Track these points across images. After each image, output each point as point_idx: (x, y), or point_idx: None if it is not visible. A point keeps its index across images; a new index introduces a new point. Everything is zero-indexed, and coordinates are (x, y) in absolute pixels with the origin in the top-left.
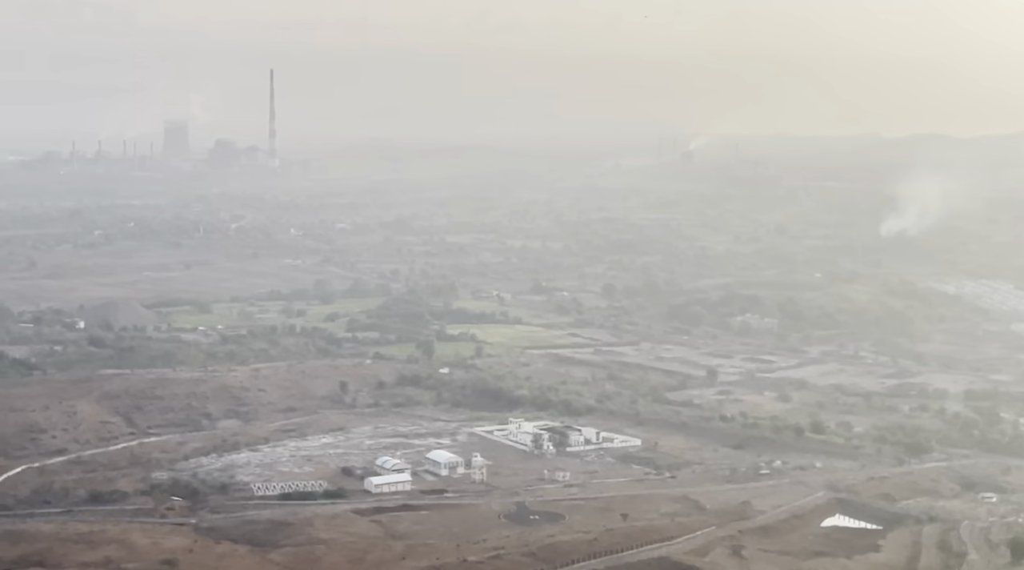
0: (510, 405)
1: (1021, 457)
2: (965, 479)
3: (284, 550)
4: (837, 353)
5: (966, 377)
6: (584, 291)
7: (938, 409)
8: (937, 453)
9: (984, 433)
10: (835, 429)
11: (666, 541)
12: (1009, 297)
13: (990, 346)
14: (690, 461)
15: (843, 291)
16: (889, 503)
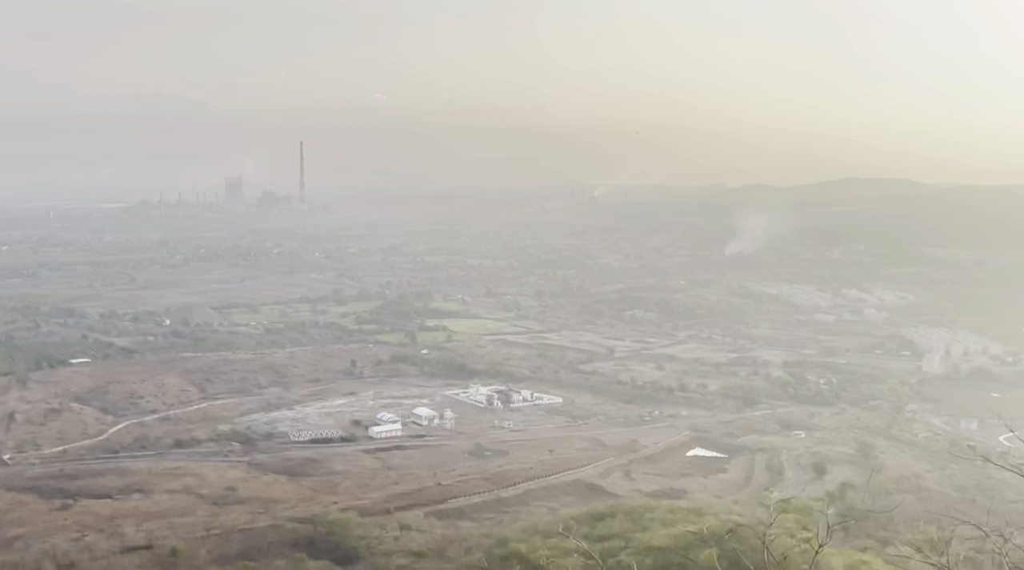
0: (471, 375)
1: (821, 405)
2: (783, 421)
3: (312, 478)
4: (696, 336)
5: (784, 352)
6: (522, 294)
7: (765, 374)
8: (764, 404)
9: (796, 390)
10: (695, 388)
11: (580, 468)
12: (812, 296)
13: (800, 330)
14: (596, 412)
15: (700, 293)
16: (732, 439)
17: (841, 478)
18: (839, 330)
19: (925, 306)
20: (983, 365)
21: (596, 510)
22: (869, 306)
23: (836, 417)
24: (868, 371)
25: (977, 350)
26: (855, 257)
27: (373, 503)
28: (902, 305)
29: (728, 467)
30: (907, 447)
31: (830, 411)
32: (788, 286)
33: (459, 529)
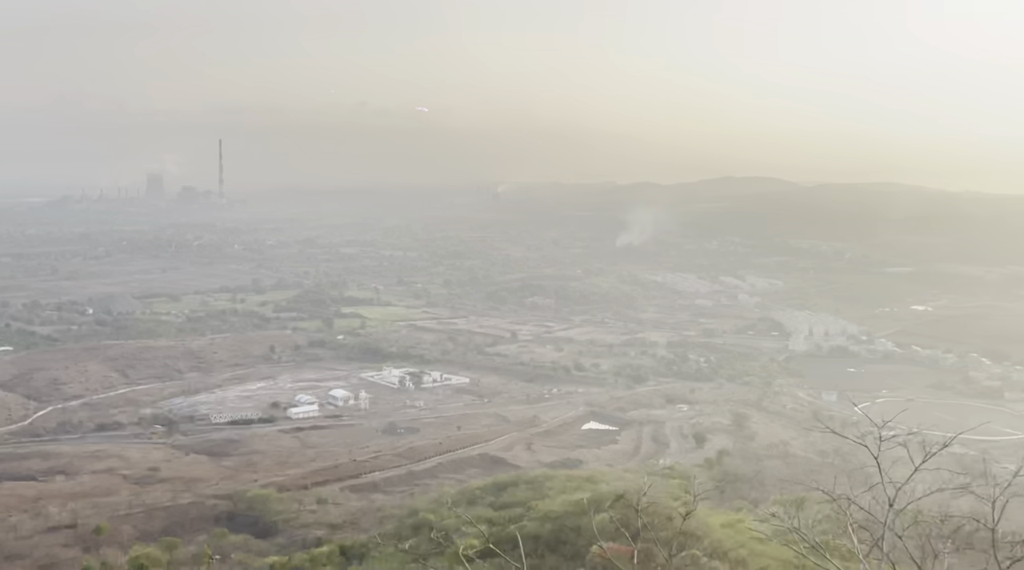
0: (384, 358)
1: (701, 381)
2: (668, 396)
3: (233, 458)
4: (591, 320)
5: (668, 333)
6: (431, 283)
7: (651, 354)
8: (651, 381)
9: (679, 367)
10: (590, 368)
11: (485, 442)
12: (693, 283)
13: (682, 314)
14: (500, 391)
15: (594, 281)
16: (623, 413)
17: (719, 446)
18: (717, 313)
19: (791, 291)
20: (841, 344)
21: (500, 480)
22: (743, 292)
23: (714, 391)
24: (742, 350)
25: (836, 330)
26: (731, 248)
27: (291, 479)
28: (771, 290)
29: (619, 439)
30: (776, 417)
31: (709, 386)
32: (672, 274)
33: (373, 501)
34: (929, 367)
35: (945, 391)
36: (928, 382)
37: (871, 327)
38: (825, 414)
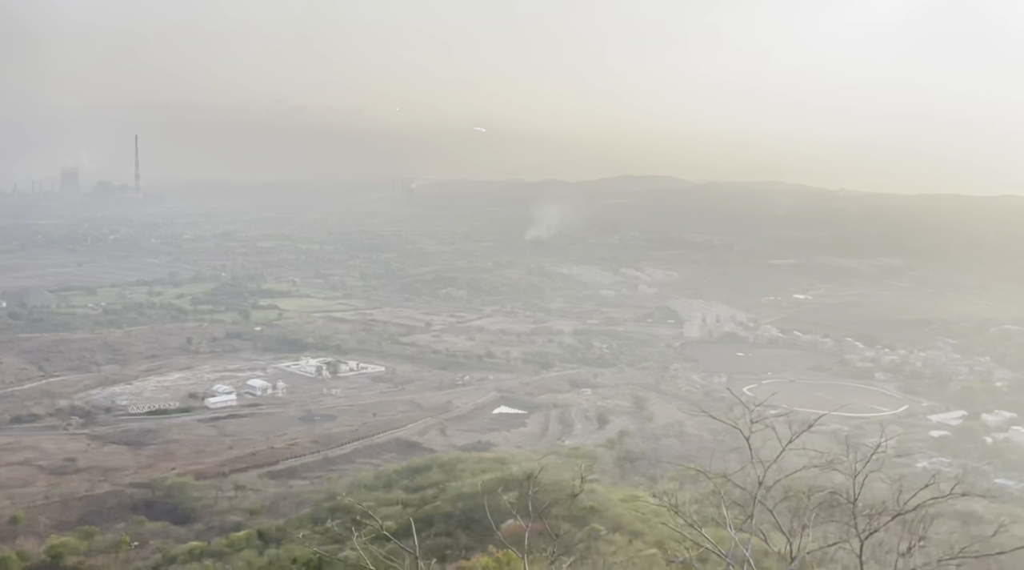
0: (302, 348)
1: (603, 367)
2: (573, 381)
3: (150, 447)
4: (501, 310)
5: (574, 322)
6: (348, 276)
7: (558, 341)
8: (558, 367)
9: (584, 354)
10: (500, 355)
11: (400, 428)
12: (597, 275)
13: (586, 304)
14: (415, 379)
15: (504, 273)
16: (531, 398)
17: (620, 427)
18: (618, 303)
19: (686, 282)
20: (731, 330)
21: (414, 464)
22: (642, 283)
23: (616, 376)
24: (641, 337)
25: (726, 318)
26: (631, 242)
27: (209, 467)
28: (668, 281)
29: (528, 422)
30: (672, 399)
31: (611, 371)
32: (577, 266)
33: (291, 487)
34: (809, 351)
35: (823, 372)
36: (808, 364)
37: (757, 315)
38: (716, 395)
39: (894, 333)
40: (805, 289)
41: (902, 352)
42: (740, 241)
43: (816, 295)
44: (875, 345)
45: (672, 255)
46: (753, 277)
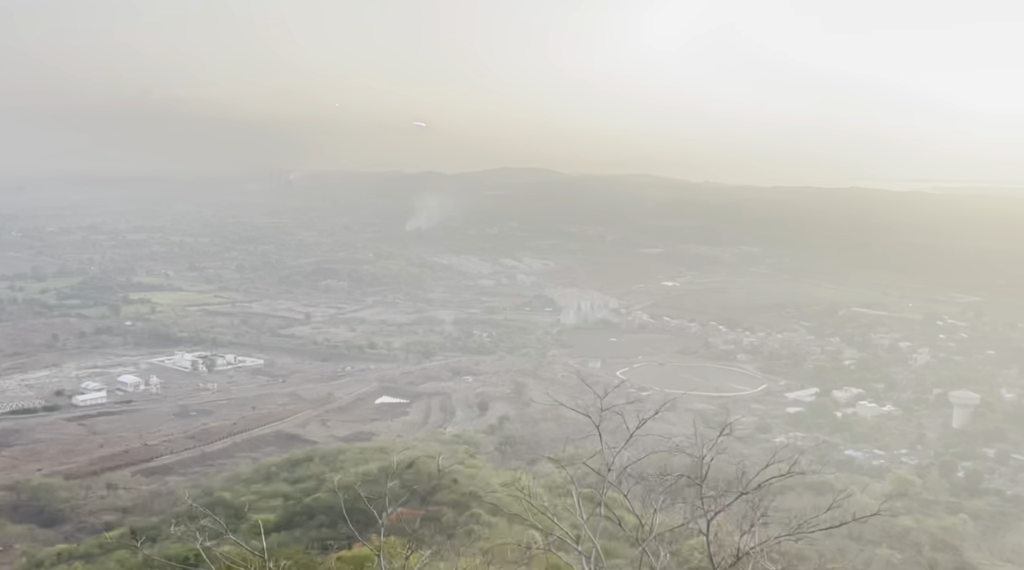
0: (176, 343)
1: (484, 354)
2: (455, 369)
3: (14, 448)
4: (383, 301)
5: (455, 311)
6: (224, 268)
7: (439, 331)
8: (439, 356)
9: (465, 342)
10: (382, 346)
11: (280, 420)
12: (476, 265)
13: (466, 293)
14: (295, 371)
15: (385, 264)
16: (413, 387)
17: (500, 413)
18: (497, 292)
19: (562, 271)
20: (605, 317)
21: (295, 456)
22: (520, 272)
23: (496, 363)
24: (520, 325)
25: (600, 305)
26: (509, 232)
27: (79, 467)
28: (545, 270)
29: (410, 410)
30: (550, 384)
31: (491, 358)
32: (457, 257)
33: (166, 483)
34: (677, 335)
35: (690, 355)
36: (676, 348)
37: (629, 301)
38: (592, 379)
39: (754, 317)
40: (673, 277)
41: (761, 334)
42: (613, 231)
43: (683, 282)
44: (737, 328)
45: (549, 245)
46: (625, 265)
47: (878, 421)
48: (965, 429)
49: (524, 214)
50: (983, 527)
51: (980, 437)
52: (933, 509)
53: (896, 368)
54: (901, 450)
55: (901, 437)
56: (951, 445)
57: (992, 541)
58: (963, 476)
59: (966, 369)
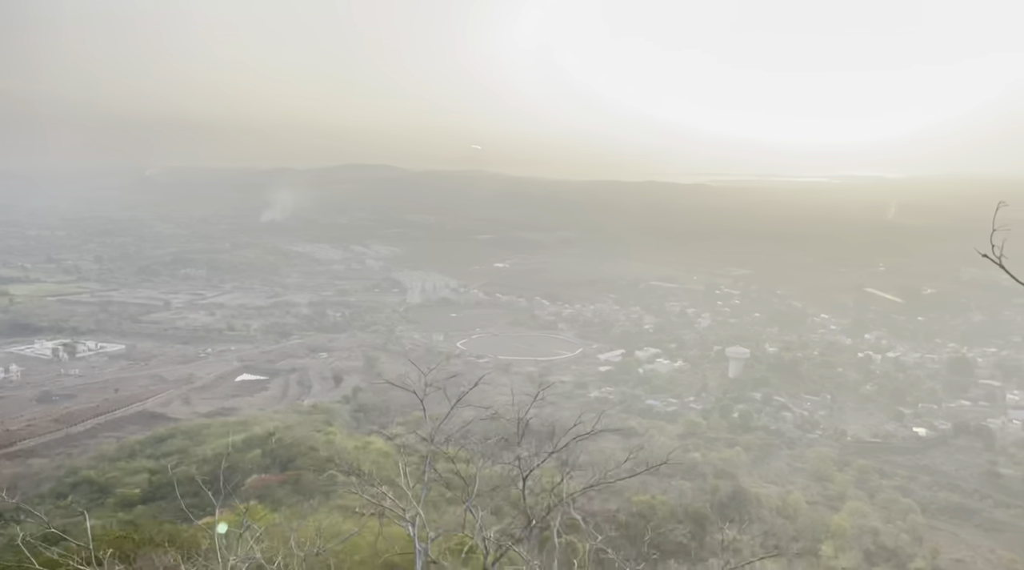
0: (35, 332)
1: (337, 332)
2: (311, 347)
3: None
4: (241, 287)
5: (309, 295)
6: (82, 260)
7: (295, 313)
8: (296, 335)
9: (319, 322)
10: (241, 328)
11: (143, 401)
12: (328, 252)
13: (320, 278)
14: (157, 355)
15: (242, 253)
16: (272, 364)
17: (353, 384)
18: (349, 276)
19: (407, 256)
20: (446, 295)
21: (158, 433)
22: (369, 257)
23: (349, 340)
24: (370, 305)
25: (441, 285)
26: (358, 222)
27: None
28: (392, 255)
29: (269, 386)
30: (398, 356)
31: (345, 336)
32: (310, 245)
33: (30, 466)
34: (507, 309)
35: (519, 326)
36: (507, 320)
37: (467, 281)
38: (436, 350)
39: (571, 291)
40: (503, 259)
41: (577, 306)
42: (451, 220)
43: (512, 263)
44: (557, 302)
45: (395, 233)
46: (462, 250)
47: (672, 374)
48: (739, 378)
49: (371, 205)
50: (753, 457)
51: (750, 384)
52: (715, 445)
53: (685, 330)
54: (690, 398)
55: (689, 387)
56: (728, 391)
57: (760, 467)
58: (737, 416)
59: (739, 329)
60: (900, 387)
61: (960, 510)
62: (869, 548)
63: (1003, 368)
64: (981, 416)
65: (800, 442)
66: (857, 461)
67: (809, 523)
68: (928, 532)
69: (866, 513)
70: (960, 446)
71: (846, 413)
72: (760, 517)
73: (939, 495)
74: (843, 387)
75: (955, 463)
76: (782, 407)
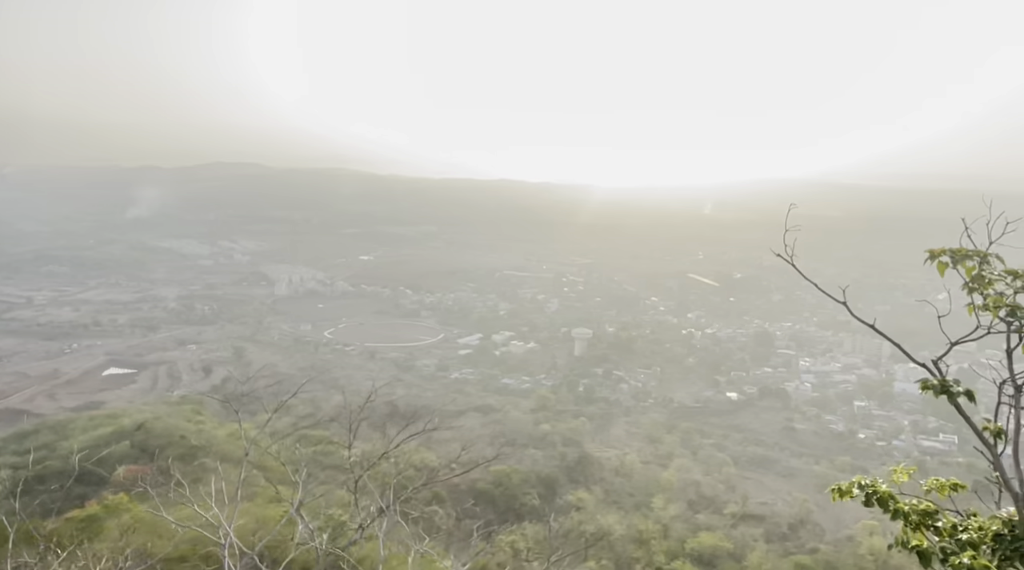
0: None
1: (206, 325)
2: (179, 340)
3: None
4: (106, 283)
5: (177, 289)
6: None
7: (163, 307)
8: (164, 329)
9: (188, 316)
10: (108, 323)
11: (6, 398)
12: (196, 247)
13: (188, 273)
14: (19, 352)
15: (107, 249)
16: (140, 358)
17: (223, 375)
18: (216, 270)
19: (275, 250)
20: (313, 287)
21: (23, 430)
22: (237, 252)
23: (218, 332)
24: (238, 298)
25: (308, 277)
26: (225, 218)
27: None
28: (259, 250)
29: (138, 379)
30: (267, 347)
31: (213, 328)
32: (178, 240)
33: None
34: (373, 299)
35: (384, 315)
36: (373, 309)
37: (333, 273)
38: (304, 339)
39: (433, 281)
40: (367, 252)
41: (439, 295)
42: (316, 215)
43: (376, 256)
44: (420, 291)
45: (261, 228)
46: (328, 244)
47: (525, 355)
48: (583, 356)
49: (238, 202)
50: (595, 425)
51: (593, 361)
52: (563, 416)
53: (536, 315)
54: (541, 375)
55: (541, 366)
56: (574, 368)
57: (602, 435)
58: (582, 390)
59: (582, 312)
60: (716, 359)
61: (764, 461)
62: (692, 498)
63: (797, 339)
64: (780, 380)
65: (635, 410)
66: (682, 424)
67: (643, 480)
68: (739, 481)
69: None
70: (764, 407)
71: (673, 383)
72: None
73: (748, 449)
74: (670, 360)
75: (760, 422)
76: (620, 380)
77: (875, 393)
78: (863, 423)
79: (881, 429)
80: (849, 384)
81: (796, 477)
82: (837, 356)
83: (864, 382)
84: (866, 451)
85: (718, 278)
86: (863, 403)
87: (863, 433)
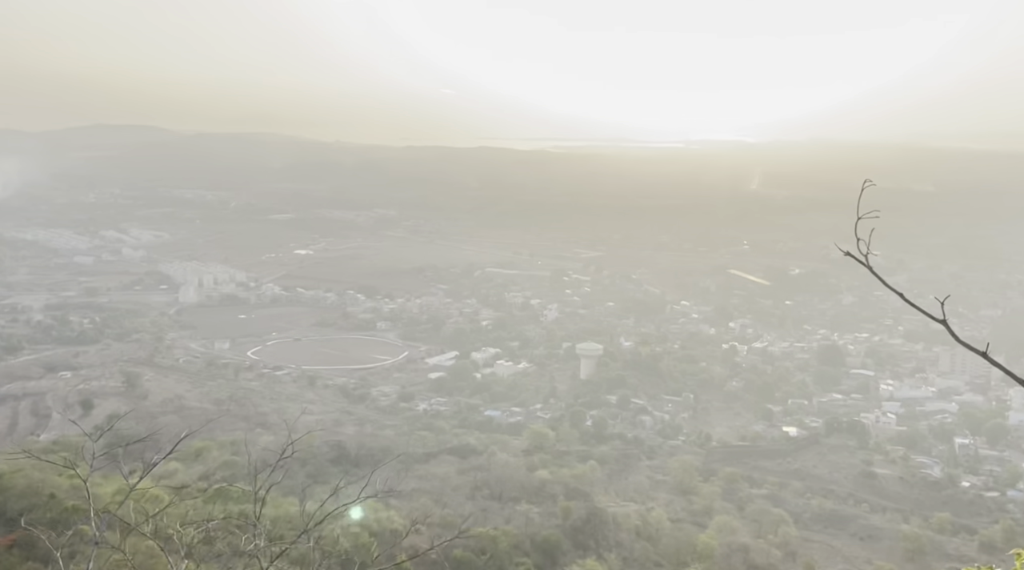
0: None
1: (85, 344)
2: (48, 365)
3: None
4: None
5: (45, 296)
6: None
7: (26, 320)
8: (27, 350)
9: (60, 332)
10: None
11: None
12: (70, 240)
13: (60, 274)
14: None
15: None
16: None
17: (109, 411)
18: (99, 270)
19: (179, 243)
20: (232, 292)
21: None
22: (127, 246)
23: (102, 353)
24: (130, 307)
25: (226, 279)
26: (110, 200)
27: None
28: (158, 243)
29: None
30: (170, 372)
31: (95, 349)
32: (45, 231)
33: None
34: (313, 307)
35: (328, 327)
36: (313, 321)
37: (259, 273)
38: (220, 362)
39: (392, 282)
40: (306, 244)
41: (400, 300)
42: (236, 196)
43: (317, 249)
44: (376, 295)
45: (161, 213)
46: (252, 234)
47: (514, 379)
48: (591, 379)
49: (128, 178)
50: (609, 471)
51: (604, 385)
52: (566, 459)
53: (529, 325)
54: (536, 405)
55: (536, 392)
56: (580, 396)
57: (617, 482)
58: (591, 424)
59: (590, 321)
60: (768, 382)
61: (834, 518)
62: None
63: (875, 355)
64: (854, 410)
65: (661, 450)
66: (724, 469)
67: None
68: (801, 545)
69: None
70: (833, 445)
71: (711, 414)
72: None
73: (812, 503)
74: (707, 384)
75: (828, 465)
76: (640, 411)
77: (983, 427)
78: (968, 467)
79: (992, 475)
80: (948, 415)
81: (878, 539)
82: (931, 378)
83: (968, 412)
84: (971, 504)
85: (769, 275)
86: (967, 440)
87: (967, 480)
